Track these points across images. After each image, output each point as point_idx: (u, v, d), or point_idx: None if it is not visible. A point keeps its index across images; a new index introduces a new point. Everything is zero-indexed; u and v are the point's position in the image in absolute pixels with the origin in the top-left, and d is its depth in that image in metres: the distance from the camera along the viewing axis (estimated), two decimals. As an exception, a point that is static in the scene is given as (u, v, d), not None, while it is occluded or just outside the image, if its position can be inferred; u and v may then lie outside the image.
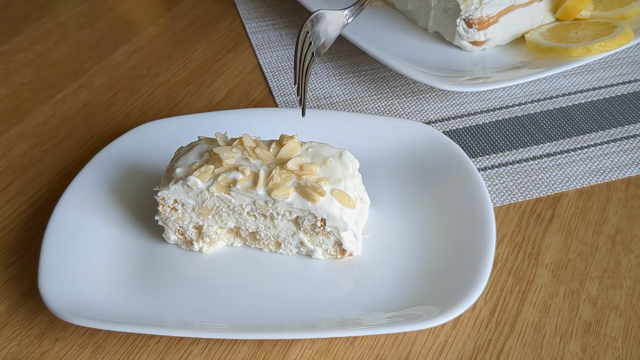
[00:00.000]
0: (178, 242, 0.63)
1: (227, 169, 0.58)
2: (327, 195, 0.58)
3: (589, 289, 0.60)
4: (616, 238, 0.64)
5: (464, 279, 0.56)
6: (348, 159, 0.61)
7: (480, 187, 0.63)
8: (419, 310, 0.55)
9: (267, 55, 0.92)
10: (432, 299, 0.56)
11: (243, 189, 0.57)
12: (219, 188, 0.58)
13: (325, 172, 0.59)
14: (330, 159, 0.60)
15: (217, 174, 0.58)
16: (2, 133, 0.81)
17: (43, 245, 0.61)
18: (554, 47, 0.79)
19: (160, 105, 0.84)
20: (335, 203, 0.58)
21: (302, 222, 0.59)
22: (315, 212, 0.58)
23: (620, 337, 0.56)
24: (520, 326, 0.57)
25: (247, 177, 0.58)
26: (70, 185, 0.67)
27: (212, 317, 0.57)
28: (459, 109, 0.80)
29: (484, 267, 0.56)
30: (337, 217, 0.58)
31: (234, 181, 0.58)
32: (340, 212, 0.58)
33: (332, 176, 0.59)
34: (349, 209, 0.58)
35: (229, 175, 0.58)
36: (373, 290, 0.59)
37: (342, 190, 0.58)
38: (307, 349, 0.56)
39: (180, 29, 0.99)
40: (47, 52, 0.95)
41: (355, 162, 0.62)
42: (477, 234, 0.60)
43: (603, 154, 0.73)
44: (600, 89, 0.82)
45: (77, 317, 0.54)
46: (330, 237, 0.60)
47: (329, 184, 0.58)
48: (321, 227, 0.59)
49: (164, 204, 0.60)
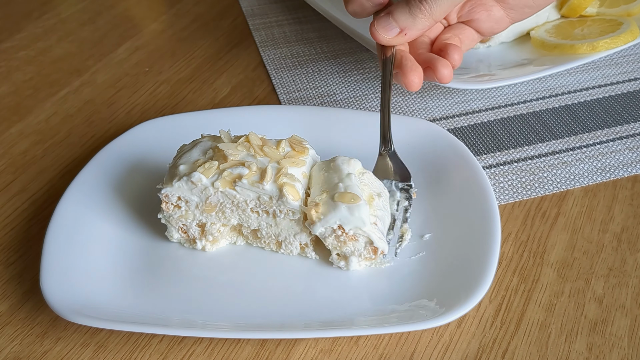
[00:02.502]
0: (181, 240, 0.63)
1: (233, 165, 0.58)
2: (329, 202, 0.57)
3: (595, 287, 0.59)
4: (622, 236, 0.64)
5: (469, 278, 0.55)
6: (340, 162, 0.60)
7: (485, 185, 0.63)
8: (423, 309, 0.55)
9: (270, 52, 0.91)
10: (436, 297, 0.56)
11: (249, 183, 0.57)
12: (224, 183, 0.58)
13: (323, 186, 0.59)
14: (324, 171, 0.60)
15: (222, 170, 0.58)
16: (4, 131, 0.81)
17: (45, 243, 0.60)
18: (559, 44, 0.79)
19: (163, 102, 0.84)
20: (340, 205, 0.57)
21: (325, 239, 0.59)
22: (327, 223, 0.57)
23: (626, 337, 0.56)
24: (526, 325, 0.57)
25: (254, 172, 0.57)
26: (72, 183, 0.66)
27: (214, 316, 0.57)
28: (463, 106, 0.80)
29: (488, 266, 0.56)
30: (349, 217, 0.57)
31: (239, 176, 0.57)
32: (348, 211, 0.57)
33: (329, 185, 0.59)
34: (355, 204, 0.57)
35: (235, 171, 0.57)
36: (377, 289, 0.58)
37: (343, 192, 0.57)
38: (310, 348, 0.56)
39: (183, 26, 0.99)
40: (49, 49, 0.95)
41: (352, 162, 0.61)
42: (481, 232, 0.59)
43: (609, 152, 0.72)
44: (606, 86, 0.82)
45: (78, 316, 0.54)
46: (359, 239, 0.59)
47: (327, 194, 0.58)
48: (342, 233, 0.58)
49: (167, 202, 0.60)
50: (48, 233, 0.61)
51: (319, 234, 0.58)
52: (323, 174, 0.60)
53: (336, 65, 0.88)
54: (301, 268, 0.61)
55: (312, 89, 0.84)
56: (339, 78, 0.85)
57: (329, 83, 0.85)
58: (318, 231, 0.58)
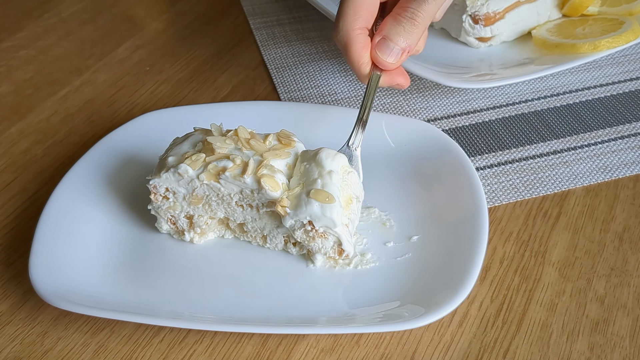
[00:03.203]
0: (170, 231, 0.64)
1: (218, 158, 0.58)
2: (303, 197, 0.57)
3: (596, 287, 0.59)
4: (624, 236, 0.63)
5: (450, 282, 0.56)
6: (324, 156, 0.59)
7: (477, 188, 0.63)
8: (418, 308, 0.55)
9: (271, 51, 0.91)
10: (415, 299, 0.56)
11: (232, 177, 0.57)
12: (209, 176, 0.58)
13: (301, 178, 0.59)
14: (305, 163, 0.59)
15: (207, 162, 0.58)
16: (4, 130, 0.80)
17: (36, 231, 0.61)
18: (561, 44, 0.79)
19: (164, 102, 0.84)
20: (313, 202, 0.57)
21: (294, 232, 0.59)
22: (297, 216, 0.57)
23: (627, 336, 0.56)
24: (527, 325, 0.57)
25: (237, 165, 0.58)
26: (67, 175, 0.67)
27: (200, 308, 0.57)
28: (465, 105, 0.79)
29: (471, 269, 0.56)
30: (320, 215, 0.57)
31: (223, 169, 0.58)
32: (321, 209, 0.57)
33: (307, 179, 0.58)
34: (329, 204, 0.57)
35: (220, 164, 0.58)
36: (354, 289, 0.59)
37: (319, 189, 0.57)
38: (311, 348, 0.56)
39: (183, 25, 0.99)
40: (50, 48, 0.95)
41: (337, 158, 0.60)
42: (469, 235, 0.59)
43: (610, 151, 0.72)
44: (607, 85, 0.81)
45: (64, 301, 0.55)
46: (329, 237, 0.59)
47: (302, 188, 0.58)
48: (312, 229, 0.58)
49: (155, 192, 0.61)
50: (40, 221, 0.62)
51: (289, 226, 0.58)
52: (304, 166, 0.59)
53: (337, 64, 0.88)
54: (286, 263, 0.61)
55: (313, 88, 0.84)
56: (340, 77, 0.85)
57: (330, 82, 0.84)
58: (288, 223, 0.58)
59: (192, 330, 0.57)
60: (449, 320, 0.57)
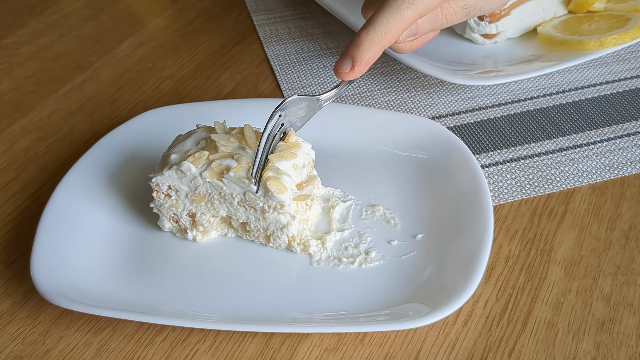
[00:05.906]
0: (172, 230, 0.64)
1: (222, 156, 0.58)
2: None
3: (603, 286, 0.59)
4: (630, 234, 0.63)
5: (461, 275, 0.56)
6: None
7: (482, 186, 0.63)
8: (422, 306, 0.55)
9: (274, 48, 0.91)
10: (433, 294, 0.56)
11: (235, 178, 0.57)
12: (212, 174, 0.58)
13: None
14: None
15: (211, 160, 0.58)
16: (6, 127, 0.80)
17: (38, 228, 0.61)
18: (566, 40, 0.78)
19: (166, 99, 0.83)
20: None
21: None
22: None
23: (634, 335, 0.55)
24: (533, 324, 0.56)
25: (242, 165, 0.57)
26: (69, 172, 0.67)
27: (202, 306, 0.57)
28: (470, 102, 0.79)
29: (478, 263, 0.56)
30: None
31: (227, 168, 0.57)
32: None
33: None
34: None
35: (223, 162, 0.58)
36: (379, 286, 0.58)
37: None
38: (315, 347, 0.55)
39: (186, 21, 0.99)
40: (51, 45, 0.95)
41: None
42: (473, 234, 0.59)
43: (616, 149, 0.72)
44: (613, 82, 0.81)
45: (65, 300, 0.54)
46: None
47: None
48: None
49: (158, 190, 0.61)
50: (41, 220, 0.62)
51: None
52: None
53: (341, 61, 0.87)
54: (289, 262, 0.61)
55: (316, 85, 0.83)
56: (344, 74, 0.85)
57: (333, 79, 0.84)
58: None
59: (195, 329, 0.57)
60: (454, 319, 0.57)
